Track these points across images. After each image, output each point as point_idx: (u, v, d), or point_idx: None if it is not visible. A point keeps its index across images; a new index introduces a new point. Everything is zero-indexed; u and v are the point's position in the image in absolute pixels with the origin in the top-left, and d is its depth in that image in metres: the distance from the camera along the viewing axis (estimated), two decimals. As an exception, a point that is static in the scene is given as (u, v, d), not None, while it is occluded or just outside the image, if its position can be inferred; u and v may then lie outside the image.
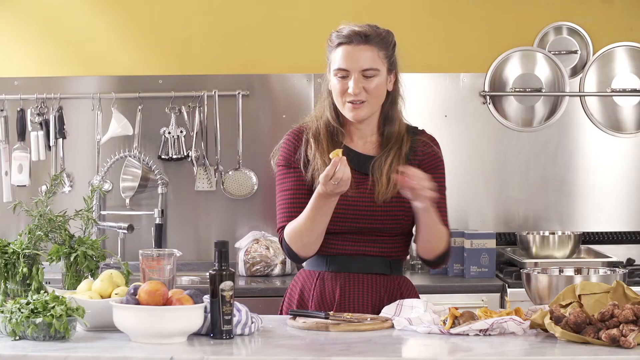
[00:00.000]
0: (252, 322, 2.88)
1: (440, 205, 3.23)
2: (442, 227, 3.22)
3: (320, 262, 3.28)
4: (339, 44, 3.20)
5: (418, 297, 3.28)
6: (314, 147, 3.26)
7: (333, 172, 2.99)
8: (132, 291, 2.81)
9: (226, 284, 2.80)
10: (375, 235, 3.23)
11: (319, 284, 3.27)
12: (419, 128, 3.33)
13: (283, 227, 3.25)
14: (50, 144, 5.01)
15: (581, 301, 2.84)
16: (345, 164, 3.00)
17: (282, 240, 3.25)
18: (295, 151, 3.29)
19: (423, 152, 3.27)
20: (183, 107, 5.06)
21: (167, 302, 2.77)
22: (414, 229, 3.28)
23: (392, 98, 3.27)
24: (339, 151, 3.02)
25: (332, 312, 3.07)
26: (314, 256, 3.26)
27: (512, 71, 5.13)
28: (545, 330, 2.79)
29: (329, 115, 3.27)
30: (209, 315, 2.81)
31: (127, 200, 5.03)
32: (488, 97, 5.13)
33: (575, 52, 5.15)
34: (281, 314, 3.37)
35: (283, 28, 5.11)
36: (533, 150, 5.14)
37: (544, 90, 5.12)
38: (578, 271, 3.23)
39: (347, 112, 3.21)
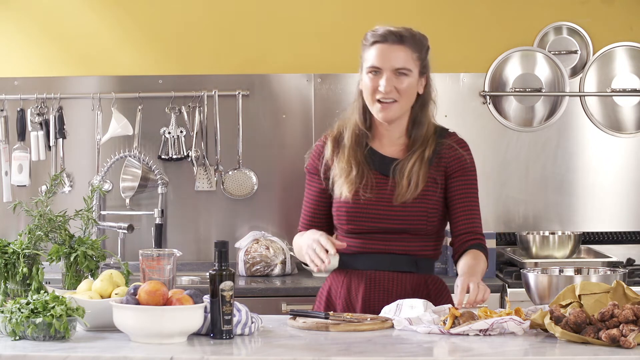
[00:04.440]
0: (252, 322, 2.88)
1: (473, 210, 3.27)
2: (483, 259, 3.22)
3: (348, 260, 3.29)
4: (374, 43, 3.22)
5: (450, 296, 3.32)
6: (333, 152, 3.30)
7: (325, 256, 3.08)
8: (132, 291, 2.81)
9: (226, 284, 2.80)
10: (401, 234, 3.24)
11: (345, 282, 3.30)
12: (449, 130, 3.33)
13: (299, 231, 3.37)
14: (50, 144, 5.01)
15: (581, 301, 2.84)
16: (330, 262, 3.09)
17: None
18: (320, 159, 3.34)
19: (449, 155, 3.27)
20: (183, 107, 5.06)
21: (167, 302, 2.77)
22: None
23: (422, 101, 3.29)
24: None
25: (332, 312, 3.07)
26: (344, 255, 3.29)
27: (512, 71, 5.13)
28: (545, 330, 2.79)
29: (358, 118, 3.30)
30: (209, 315, 2.81)
31: (127, 200, 5.03)
32: (488, 97, 5.12)
33: (575, 52, 5.15)
34: None
35: (283, 28, 5.11)
36: (533, 150, 5.14)
37: (544, 90, 5.12)
38: (578, 271, 3.23)
39: (376, 112, 3.24)
